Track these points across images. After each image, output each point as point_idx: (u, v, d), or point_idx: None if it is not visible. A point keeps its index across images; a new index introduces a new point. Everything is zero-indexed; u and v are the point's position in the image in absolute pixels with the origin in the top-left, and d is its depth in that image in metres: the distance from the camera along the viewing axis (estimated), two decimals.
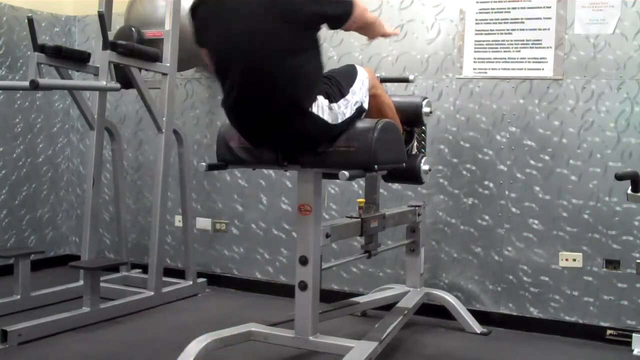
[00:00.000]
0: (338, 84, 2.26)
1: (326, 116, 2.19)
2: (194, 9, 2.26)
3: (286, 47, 2.11)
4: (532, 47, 3.17)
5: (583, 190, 3.09)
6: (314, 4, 2.12)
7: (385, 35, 2.51)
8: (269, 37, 2.09)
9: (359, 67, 2.42)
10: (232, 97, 2.21)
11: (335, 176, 2.20)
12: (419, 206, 3.14)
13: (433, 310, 3.28)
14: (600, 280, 3.07)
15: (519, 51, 3.20)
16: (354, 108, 2.28)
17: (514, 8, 3.20)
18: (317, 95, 2.18)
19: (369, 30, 2.42)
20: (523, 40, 3.19)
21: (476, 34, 3.28)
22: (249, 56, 2.11)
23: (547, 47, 3.14)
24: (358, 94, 2.31)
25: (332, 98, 2.22)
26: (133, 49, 3.24)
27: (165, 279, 3.58)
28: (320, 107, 2.18)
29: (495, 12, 3.24)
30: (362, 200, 2.83)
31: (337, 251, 3.50)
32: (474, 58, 3.28)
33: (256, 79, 2.13)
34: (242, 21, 2.11)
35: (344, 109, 2.24)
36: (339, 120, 2.23)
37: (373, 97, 2.43)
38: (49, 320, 2.94)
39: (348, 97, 2.26)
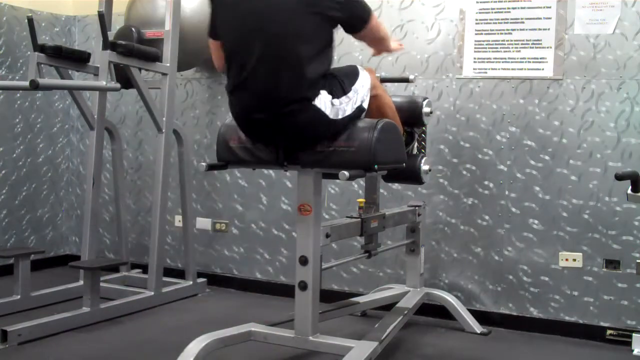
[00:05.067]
0: (341, 81, 2.29)
1: (328, 111, 2.21)
2: None
3: (304, 32, 2.17)
4: (532, 47, 3.17)
5: (583, 190, 3.09)
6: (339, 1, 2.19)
7: (390, 50, 2.63)
8: (290, 18, 2.16)
9: (360, 69, 2.44)
10: (241, 76, 2.23)
11: (335, 176, 2.20)
12: (419, 206, 3.14)
13: (433, 310, 3.28)
14: (600, 280, 3.07)
15: (519, 51, 3.20)
16: (355, 107, 2.30)
17: (514, 8, 3.20)
18: (320, 90, 2.20)
19: (380, 44, 2.53)
20: (523, 40, 3.18)
21: (476, 34, 3.28)
22: (267, 34, 2.16)
23: (547, 47, 3.14)
24: (360, 94, 2.33)
25: (335, 94, 2.24)
26: (133, 49, 3.24)
27: (165, 279, 3.58)
28: (323, 101, 2.20)
29: (495, 12, 3.24)
30: (362, 200, 2.83)
31: (337, 251, 3.50)
32: (474, 58, 3.28)
33: (270, 60, 2.17)
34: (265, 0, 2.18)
35: (344, 105, 2.26)
36: (339, 116, 2.25)
37: (374, 97, 2.44)
38: (49, 320, 2.94)
39: (350, 94, 2.29)
